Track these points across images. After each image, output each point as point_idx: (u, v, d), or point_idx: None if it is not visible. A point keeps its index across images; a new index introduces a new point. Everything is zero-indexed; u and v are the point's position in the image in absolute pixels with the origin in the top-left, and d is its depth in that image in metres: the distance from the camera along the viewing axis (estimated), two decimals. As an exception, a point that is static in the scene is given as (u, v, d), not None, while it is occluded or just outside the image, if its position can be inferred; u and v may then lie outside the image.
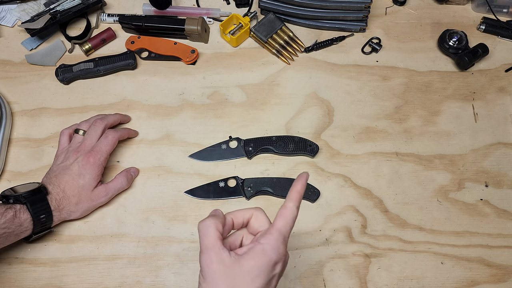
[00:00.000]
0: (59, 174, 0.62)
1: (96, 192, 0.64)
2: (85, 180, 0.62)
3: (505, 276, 0.64)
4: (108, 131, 0.66)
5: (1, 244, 0.56)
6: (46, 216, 0.59)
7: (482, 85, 0.78)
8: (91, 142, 0.65)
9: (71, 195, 0.62)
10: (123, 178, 0.67)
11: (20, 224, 0.57)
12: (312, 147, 0.70)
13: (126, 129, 0.71)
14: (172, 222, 0.67)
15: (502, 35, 0.81)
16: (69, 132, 0.68)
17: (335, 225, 0.67)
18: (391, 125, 0.74)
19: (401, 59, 0.80)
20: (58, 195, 0.61)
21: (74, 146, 0.65)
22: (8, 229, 0.55)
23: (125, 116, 0.73)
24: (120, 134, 0.68)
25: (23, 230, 0.58)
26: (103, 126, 0.67)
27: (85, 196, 0.63)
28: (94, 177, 0.63)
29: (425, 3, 0.85)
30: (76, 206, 0.63)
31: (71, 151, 0.64)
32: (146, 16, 0.81)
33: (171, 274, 0.63)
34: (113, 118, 0.70)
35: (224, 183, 0.69)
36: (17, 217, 0.56)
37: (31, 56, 0.77)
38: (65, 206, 0.62)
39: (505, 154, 0.72)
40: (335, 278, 0.63)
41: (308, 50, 0.80)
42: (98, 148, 0.64)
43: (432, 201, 0.69)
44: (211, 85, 0.77)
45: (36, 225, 0.59)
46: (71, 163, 0.63)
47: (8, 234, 0.56)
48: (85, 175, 0.62)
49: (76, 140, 0.66)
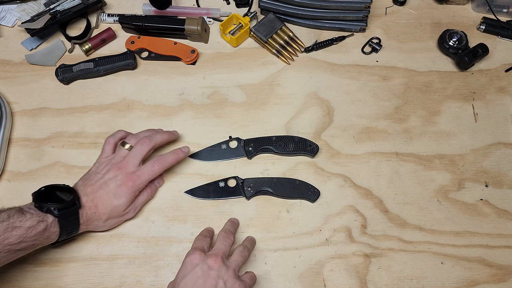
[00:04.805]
0: (95, 186, 0.61)
1: (126, 210, 0.64)
2: (119, 201, 0.62)
3: (505, 276, 0.64)
4: (158, 162, 0.64)
5: (22, 253, 0.56)
6: (73, 230, 0.59)
7: (482, 85, 0.78)
8: (134, 162, 0.63)
9: (102, 213, 0.61)
10: (148, 190, 0.66)
11: (48, 236, 0.56)
12: (312, 147, 0.70)
13: (174, 154, 0.67)
14: (172, 222, 0.67)
15: (502, 35, 0.81)
16: (114, 142, 0.66)
17: (335, 225, 0.67)
18: (391, 125, 0.74)
19: (401, 59, 0.80)
20: (90, 210, 0.60)
21: (117, 160, 0.64)
22: (36, 241, 0.55)
23: (172, 135, 0.70)
24: (167, 166, 0.66)
25: (48, 241, 0.57)
26: (150, 147, 0.65)
27: (116, 214, 0.63)
28: (129, 200, 0.63)
29: (425, 3, 0.85)
30: (105, 222, 0.62)
31: (113, 165, 0.63)
32: (146, 16, 0.81)
33: (171, 274, 0.63)
34: (161, 138, 0.67)
35: (224, 183, 0.69)
36: (47, 231, 0.56)
37: (31, 56, 0.77)
38: (94, 221, 0.61)
39: (505, 154, 0.72)
40: (335, 278, 0.63)
41: (308, 50, 0.80)
42: (140, 174, 0.63)
43: (432, 201, 0.69)
44: (211, 85, 0.77)
45: (61, 238, 0.59)
46: (110, 179, 0.62)
47: (34, 245, 0.56)
48: (121, 197, 0.62)
49: (121, 154, 0.64)
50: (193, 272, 0.54)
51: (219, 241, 0.59)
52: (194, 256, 0.55)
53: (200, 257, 0.55)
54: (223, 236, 0.60)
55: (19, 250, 0.54)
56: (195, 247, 0.57)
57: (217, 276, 0.53)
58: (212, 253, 0.56)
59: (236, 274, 0.55)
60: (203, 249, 0.57)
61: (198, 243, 0.59)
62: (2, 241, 0.52)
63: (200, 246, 0.58)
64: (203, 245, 0.58)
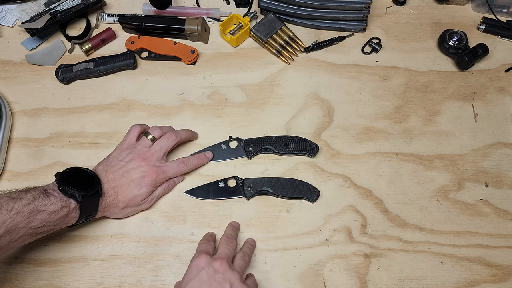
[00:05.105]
0: (117, 174, 0.61)
1: (143, 201, 0.64)
2: (140, 191, 0.62)
3: (505, 276, 0.64)
4: (184, 163, 0.66)
5: (41, 236, 0.56)
6: (92, 215, 0.60)
7: (482, 85, 0.78)
8: (159, 155, 0.64)
9: (121, 201, 0.61)
10: (166, 184, 0.67)
11: (68, 221, 0.57)
12: (312, 147, 0.70)
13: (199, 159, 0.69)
14: (172, 222, 0.67)
15: (502, 35, 0.81)
16: (140, 130, 0.66)
17: (335, 225, 0.67)
18: (391, 125, 0.74)
19: (401, 59, 0.80)
20: (109, 198, 0.60)
21: (141, 150, 0.64)
22: (57, 225, 0.55)
23: (194, 134, 0.71)
24: (191, 168, 0.67)
25: (66, 225, 0.57)
26: (176, 142, 0.66)
27: (133, 204, 0.63)
28: (149, 192, 0.63)
29: (425, 3, 0.85)
30: (121, 210, 0.63)
31: (136, 154, 0.63)
32: (146, 16, 0.81)
33: (171, 274, 0.63)
34: (186, 134, 0.69)
35: (224, 183, 0.69)
36: (68, 216, 0.56)
37: (31, 56, 0.77)
38: (112, 208, 0.62)
39: (505, 154, 0.72)
40: (335, 278, 0.63)
41: (308, 50, 0.80)
42: (166, 169, 0.64)
43: (432, 201, 0.69)
44: (211, 85, 0.77)
45: (79, 222, 0.59)
46: (133, 168, 0.62)
47: (54, 229, 0.56)
48: (142, 187, 0.62)
49: (144, 144, 0.65)
50: (198, 276, 0.53)
51: (223, 245, 0.59)
52: (200, 260, 0.55)
53: (206, 260, 0.55)
54: (226, 240, 0.60)
55: (40, 233, 0.55)
56: (201, 251, 0.57)
57: (223, 279, 0.53)
58: (218, 257, 0.56)
59: (242, 278, 0.55)
60: (208, 252, 0.57)
61: (203, 247, 0.59)
62: (26, 224, 0.52)
63: (206, 249, 0.58)
64: (208, 249, 0.58)
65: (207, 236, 0.63)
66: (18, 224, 0.51)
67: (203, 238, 0.63)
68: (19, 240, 0.52)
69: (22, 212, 0.51)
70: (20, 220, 0.51)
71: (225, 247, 0.58)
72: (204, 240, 0.61)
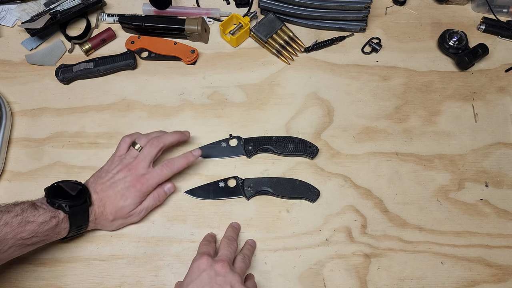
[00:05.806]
0: (105, 186, 0.61)
1: (131, 213, 0.63)
2: (125, 202, 0.62)
3: (505, 276, 0.64)
4: (167, 166, 0.64)
5: (32, 248, 0.56)
6: (83, 226, 0.60)
7: (482, 85, 0.78)
8: (144, 164, 0.63)
9: (109, 213, 0.61)
10: (155, 195, 0.65)
11: (59, 232, 0.57)
12: (312, 149, 0.70)
13: (185, 158, 0.65)
14: (172, 222, 0.67)
15: (502, 35, 0.81)
16: (130, 141, 0.65)
17: (335, 225, 0.67)
18: (391, 125, 0.74)
19: (401, 59, 0.80)
20: (99, 209, 0.60)
21: (127, 160, 0.63)
22: (47, 236, 0.56)
23: (183, 135, 0.68)
24: (176, 170, 0.65)
25: (58, 236, 0.58)
26: (159, 148, 0.64)
27: (121, 216, 0.63)
28: (135, 203, 0.62)
29: (425, 3, 0.85)
30: (111, 222, 0.63)
31: (124, 165, 0.63)
32: (146, 16, 0.81)
33: (171, 274, 0.63)
34: (171, 138, 0.65)
35: (224, 183, 0.69)
36: (58, 226, 0.56)
37: (31, 56, 0.77)
38: (102, 220, 0.62)
39: (505, 154, 0.72)
40: (335, 278, 0.63)
41: (308, 50, 0.80)
42: (149, 177, 0.62)
43: (432, 201, 0.69)
44: (211, 85, 0.77)
45: (71, 233, 0.59)
46: (119, 179, 0.62)
47: (45, 240, 0.56)
48: (128, 198, 0.61)
49: (131, 154, 0.64)
50: (199, 278, 0.53)
51: (224, 247, 0.59)
52: (202, 261, 0.55)
53: (207, 262, 0.55)
54: (227, 242, 0.60)
55: (30, 244, 0.55)
56: (202, 252, 0.57)
57: (224, 282, 0.53)
58: (219, 259, 0.56)
59: (242, 280, 0.55)
60: (210, 254, 0.57)
61: (204, 248, 0.59)
62: (15, 235, 0.52)
63: (207, 251, 0.58)
64: (209, 250, 0.58)
65: (208, 237, 0.63)
66: (7, 235, 0.51)
67: (204, 239, 0.63)
68: (8, 251, 0.52)
69: (10, 223, 0.52)
70: (9, 230, 0.52)
71: (226, 249, 0.58)
72: (205, 242, 0.61)
